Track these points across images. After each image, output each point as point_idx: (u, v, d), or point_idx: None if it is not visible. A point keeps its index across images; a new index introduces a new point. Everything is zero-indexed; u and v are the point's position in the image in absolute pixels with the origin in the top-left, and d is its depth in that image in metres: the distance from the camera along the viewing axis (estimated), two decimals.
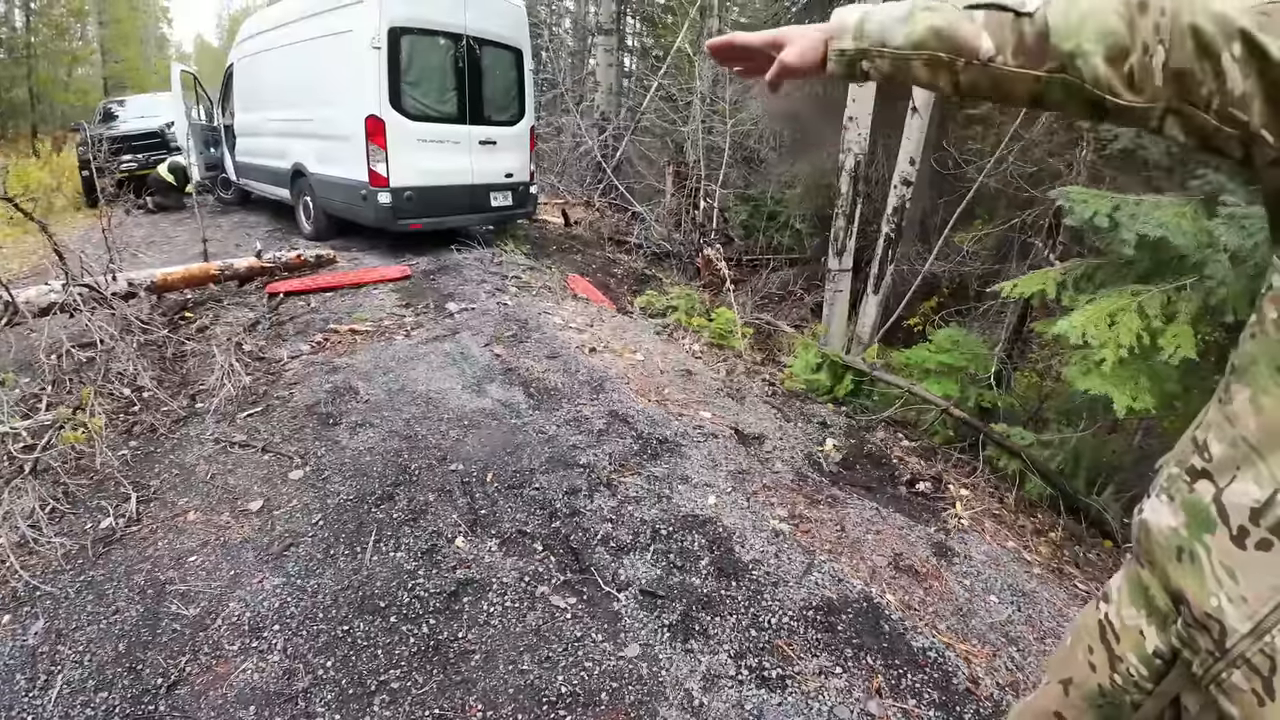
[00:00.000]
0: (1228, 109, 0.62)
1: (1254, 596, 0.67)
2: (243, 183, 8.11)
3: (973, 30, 0.74)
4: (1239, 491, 0.69)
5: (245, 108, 7.53)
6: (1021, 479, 3.37)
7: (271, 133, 6.78)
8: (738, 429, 3.45)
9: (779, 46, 0.88)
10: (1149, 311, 2.58)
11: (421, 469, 2.72)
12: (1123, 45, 0.66)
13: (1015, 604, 2.29)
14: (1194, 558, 0.74)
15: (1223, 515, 0.70)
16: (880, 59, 0.81)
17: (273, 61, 6.67)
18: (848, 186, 5.04)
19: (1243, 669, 0.69)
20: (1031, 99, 0.75)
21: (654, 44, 14.00)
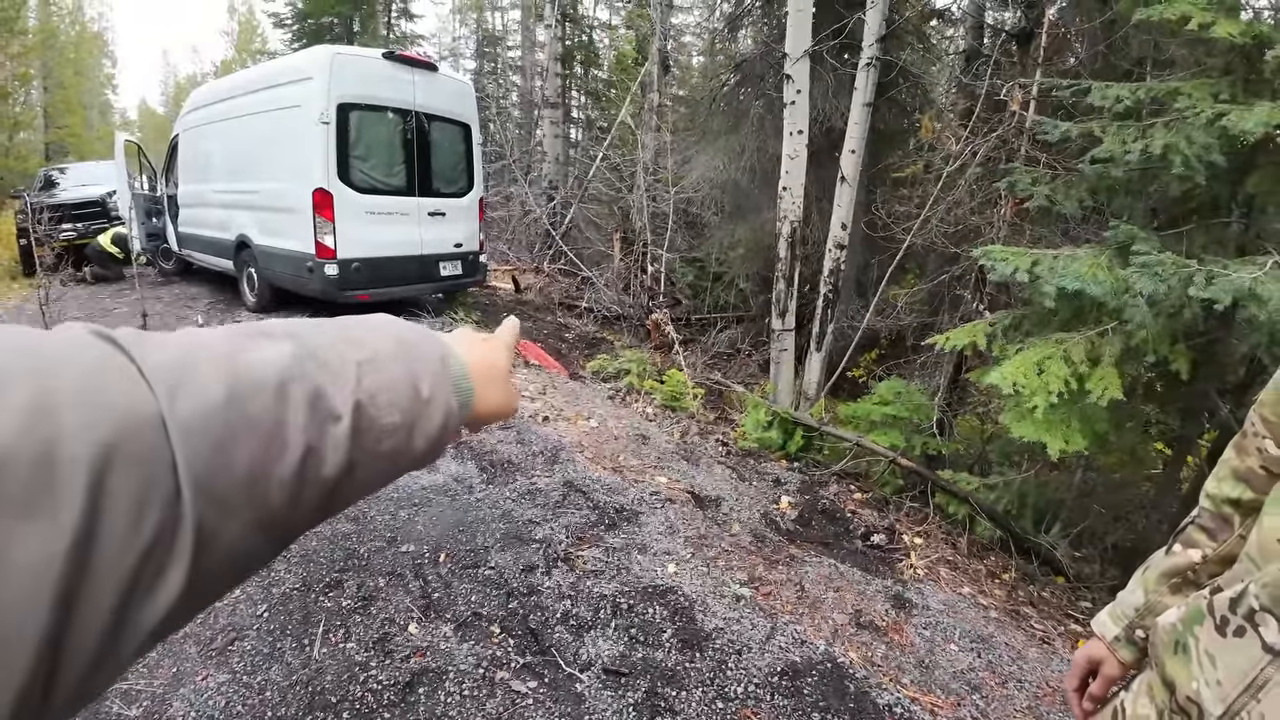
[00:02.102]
0: None
1: (1227, 680, 0.71)
2: (185, 253, 7.94)
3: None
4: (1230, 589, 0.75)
5: (190, 178, 7.45)
6: (971, 523, 3.47)
7: (216, 204, 6.71)
8: (694, 492, 3.46)
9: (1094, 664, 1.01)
10: (1074, 358, 2.76)
11: (370, 552, 2.61)
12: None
13: (975, 650, 2.32)
14: (1186, 649, 0.78)
15: (1210, 609, 0.76)
16: (1144, 618, 0.94)
17: (219, 132, 6.66)
18: (786, 251, 5.28)
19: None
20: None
21: (598, 115, 14.60)
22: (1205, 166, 2.71)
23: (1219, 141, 2.69)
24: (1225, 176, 2.93)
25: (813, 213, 6.13)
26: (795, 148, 5.10)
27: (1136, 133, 2.98)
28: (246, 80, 6.55)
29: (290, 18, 16.36)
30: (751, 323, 8.63)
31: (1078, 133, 3.17)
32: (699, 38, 16.22)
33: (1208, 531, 0.90)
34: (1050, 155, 4.16)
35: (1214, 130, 2.68)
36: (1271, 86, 2.90)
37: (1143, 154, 2.85)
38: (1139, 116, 3.15)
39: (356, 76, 5.40)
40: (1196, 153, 2.71)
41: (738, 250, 8.33)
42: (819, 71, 5.55)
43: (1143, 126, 3.02)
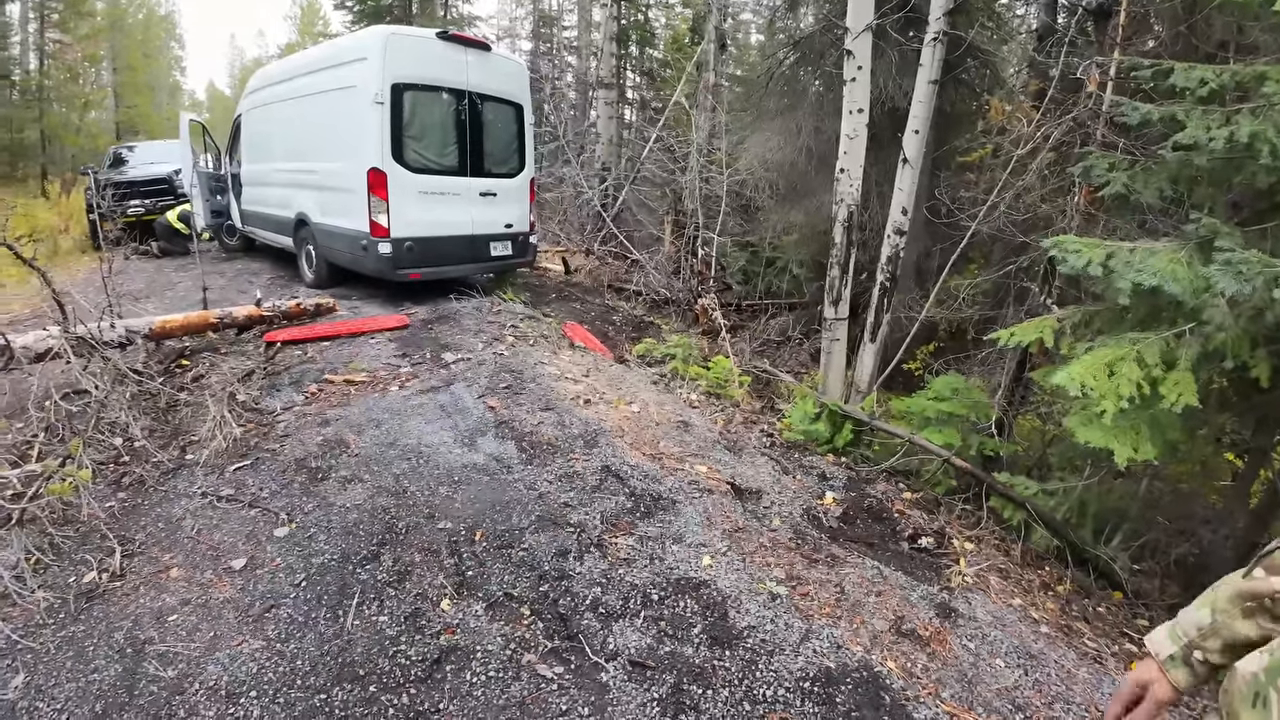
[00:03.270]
0: None
1: None
2: (247, 230, 8.27)
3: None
4: None
5: (252, 157, 7.72)
6: (1027, 530, 3.28)
7: (277, 182, 6.93)
8: (734, 484, 3.38)
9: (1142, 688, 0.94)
10: (1148, 360, 2.55)
11: (409, 527, 2.65)
12: None
13: (1022, 667, 2.19)
14: (1267, 703, 0.73)
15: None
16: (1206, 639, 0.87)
17: (279, 113, 6.86)
18: (841, 236, 5.08)
19: None
20: None
21: (653, 96, 14.41)
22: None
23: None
24: None
25: (871, 197, 5.89)
26: (855, 127, 4.87)
27: (1222, 119, 2.71)
28: (305, 62, 6.70)
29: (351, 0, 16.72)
30: (804, 310, 8.42)
31: (1159, 116, 2.91)
32: (758, 15, 15.76)
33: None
34: (1128, 140, 3.85)
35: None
36: None
37: (1228, 141, 2.59)
38: (1223, 102, 2.88)
39: (411, 57, 5.44)
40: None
41: (792, 235, 8.11)
42: (881, 47, 5.28)
43: (1228, 112, 2.75)
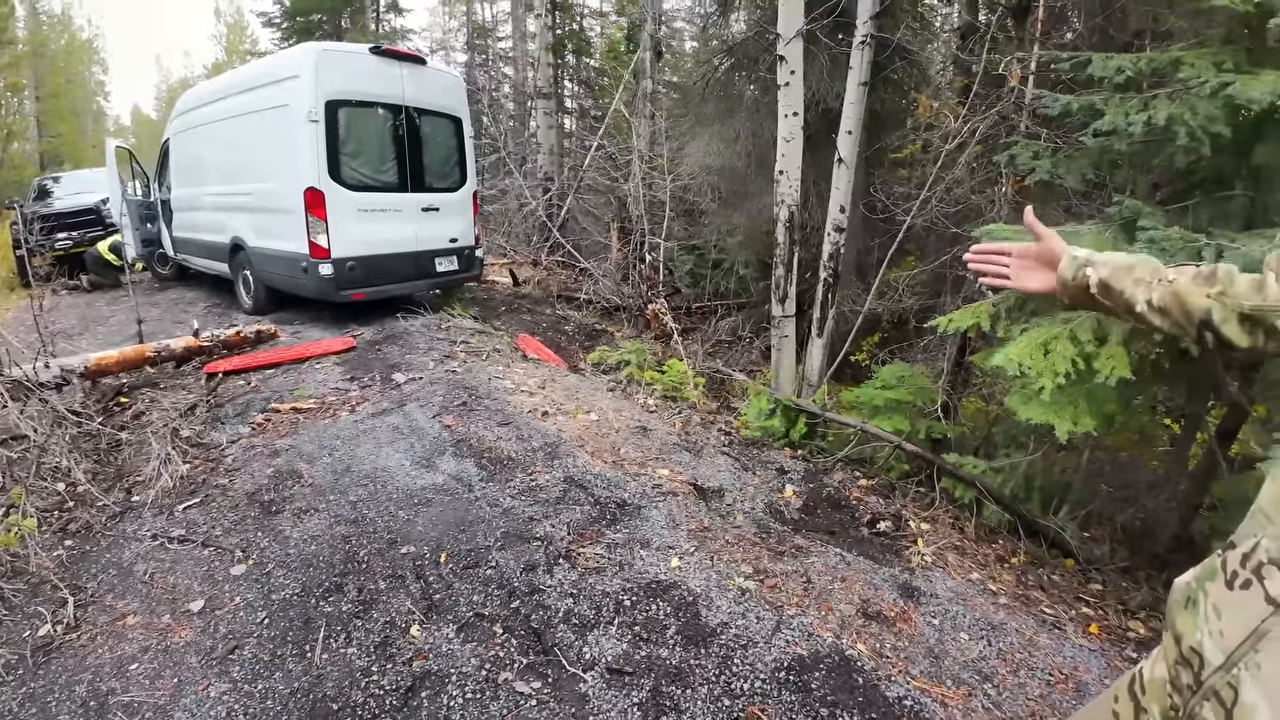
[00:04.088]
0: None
1: (1230, 632, 0.74)
2: (180, 258, 7.95)
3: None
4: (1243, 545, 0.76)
5: (182, 182, 7.42)
6: (978, 507, 3.42)
7: (209, 207, 6.69)
8: (696, 484, 3.42)
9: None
10: (1081, 337, 2.69)
11: (370, 555, 2.58)
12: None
13: (986, 638, 2.29)
14: (1195, 603, 0.81)
15: (1223, 565, 0.78)
16: (1097, 267, 1.04)
17: (209, 135, 6.61)
18: (784, 236, 5.21)
19: (1212, 701, 0.74)
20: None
21: (592, 105, 14.46)
22: (1210, 138, 2.62)
23: (1223, 112, 2.60)
24: (1231, 148, 2.84)
25: (810, 196, 6.06)
26: (791, 130, 5.01)
27: (1139, 104, 2.90)
28: (234, 81, 6.48)
29: (279, 16, 16.26)
30: (752, 309, 8.58)
31: (1079, 106, 3.09)
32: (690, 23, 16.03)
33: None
34: (1051, 130, 4.08)
35: (1218, 100, 2.58)
36: (1277, 55, 2.81)
37: (1146, 126, 2.76)
38: (1140, 88, 3.07)
39: (344, 73, 5.33)
40: (1201, 124, 2.62)
41: (736, 236, 8.26)
42: (813, 52, 5.45)
43: (1145, 98, 2.93)
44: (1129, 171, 3.34)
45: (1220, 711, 0.73)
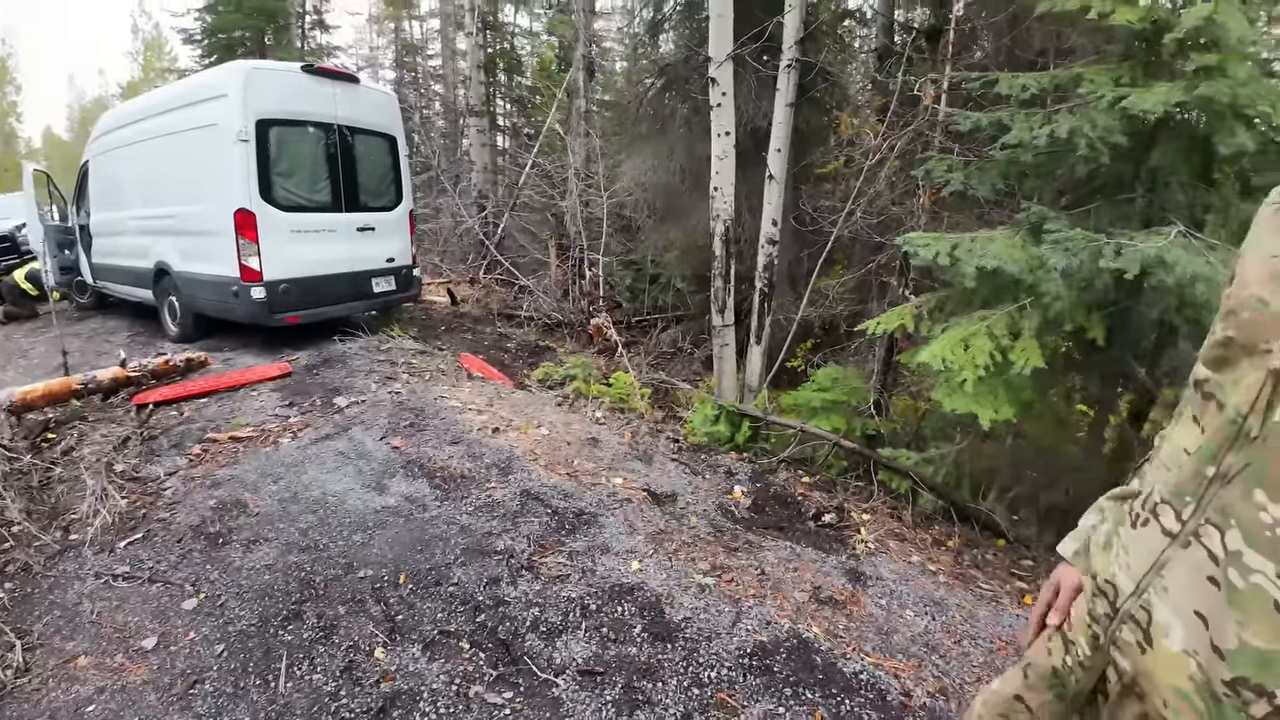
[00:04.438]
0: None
1: (1136, 563, 0.86)
2: (100, 285, 7.47)
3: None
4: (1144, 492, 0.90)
5: (102, 206, 7.01)
6: (914, 496, 3.66)
7: (131, 231, 6.34)
8: (650, 490, 3.51)
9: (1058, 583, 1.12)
10: (997, 332, 2.95)
11: (327, 581, 2.54)
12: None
13: (930, 614, 2.47)
14: (1110, 545, 0.94)
15: (1129, 510, 0.92)
16: (1096, 530, 1.05)
17: (131, 157, 6.29)
18: (720, 250, 5.42)
19: (1129, 624, 0.85)
20: None
21: (525, 123, 14.50)
22: (1108, 147, 2.86)
23: (1120, 123, 2.84)
24: (1128, 155, 3.12)
25: (744, 211, 6.30)
26: (724, 149, 5.24)
27: (1043, 119, 3.17)
28: (158, 101, 6.20)
29: (200, 33, 15.61)
30: (691, 321, 8.78)
31: (988, 122, 3.37)
32: (620, 43, 16.36)
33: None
34: (963, 145, 4.41)
35: (1115, 112, 2.82)
36: (1170, 68, 3.05)
37: (1049, 138, 3.00)
38: (1045, 103, 3.35)
39: (275, 91, 5.21)
40: (1099, 134, 2.85)
41: (673, 251, 8.46)
42: (742, 74, 5.72)
43: (1048, 113, 3.22)
44: (1035, 180, 3.63)
45: (1138, 631, 0.84)
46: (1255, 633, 0.72)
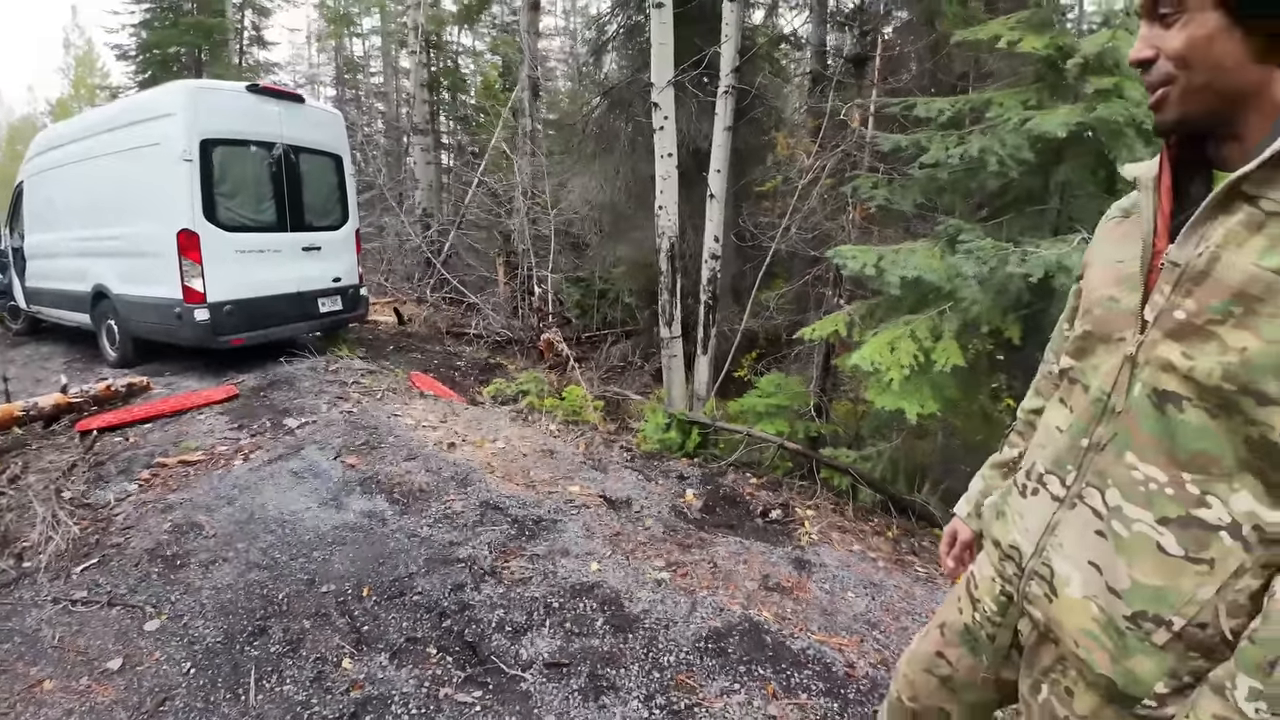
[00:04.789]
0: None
1: (1033, 528, 1.00)
2: (34, 310, 7.14)
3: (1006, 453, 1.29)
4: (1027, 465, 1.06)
5: (38, 227, 6.73)
6: (854, 492, 3.91)
7: (68, 253, 6.12)
8: (606, 496, 3.64)
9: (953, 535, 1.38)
10: (920, 335, 3.23)
11: (290, 597, 2.57)
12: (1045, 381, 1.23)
13: (870, 595, 2.68)
14: (1003, 514, 1.09)
15: (1015, 482, 1.07)
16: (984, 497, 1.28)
17: (70, 177, 6.08)
18: (666, 265, 5.64)
19: (1035, 580, 0.98)
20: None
21: (470, 141, 14.51)
22: (1017, 163, 3.16)
23: (1028, 141, 3.13)
24: (1038, 170, 3.42)
25: (688, 228, 6.56)
26: (667, 169, 5.48)
27: (957, 139, 3.49)
28: (99, 120, 6.02)
29: (135, 49, 15.05)
30: (641, 336, 8.97)
31: (907, 143, 3.68)
32: (564, 63, 16.60)
33: (1021, 435, 1.25)
34: (888, 164, 4.75)
35: (1022, 132, 3.12)
36: (1075, 90, 3.34)
37: (963, 157, 3.32)
38: (963, 124, 3.66)
39: (220, 111, 5.16)
40: (1009, 152, 3.15)
41: (620, 267, 8.66)
42: (683, 98, 5.99)
43: (962, 134, 3.54)
44: (953, 195, 3.94)
45: (1044, 585, 0.95)
46: (1144, 572, 0.84)
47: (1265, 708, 0.72)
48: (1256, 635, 0.75)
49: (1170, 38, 0.80)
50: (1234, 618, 0.79)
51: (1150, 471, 0.84)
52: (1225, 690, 0.76)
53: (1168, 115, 0.84)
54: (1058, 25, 3.58)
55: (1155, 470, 0.83)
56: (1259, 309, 0.73)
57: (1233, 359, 0.75)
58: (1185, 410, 0.80)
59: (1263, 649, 0.73)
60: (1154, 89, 0.84)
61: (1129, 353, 0.87)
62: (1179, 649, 0.82)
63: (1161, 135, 0.89)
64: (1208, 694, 0.78)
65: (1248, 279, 0.74)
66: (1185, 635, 0.81)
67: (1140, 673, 0.85)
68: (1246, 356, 0.74)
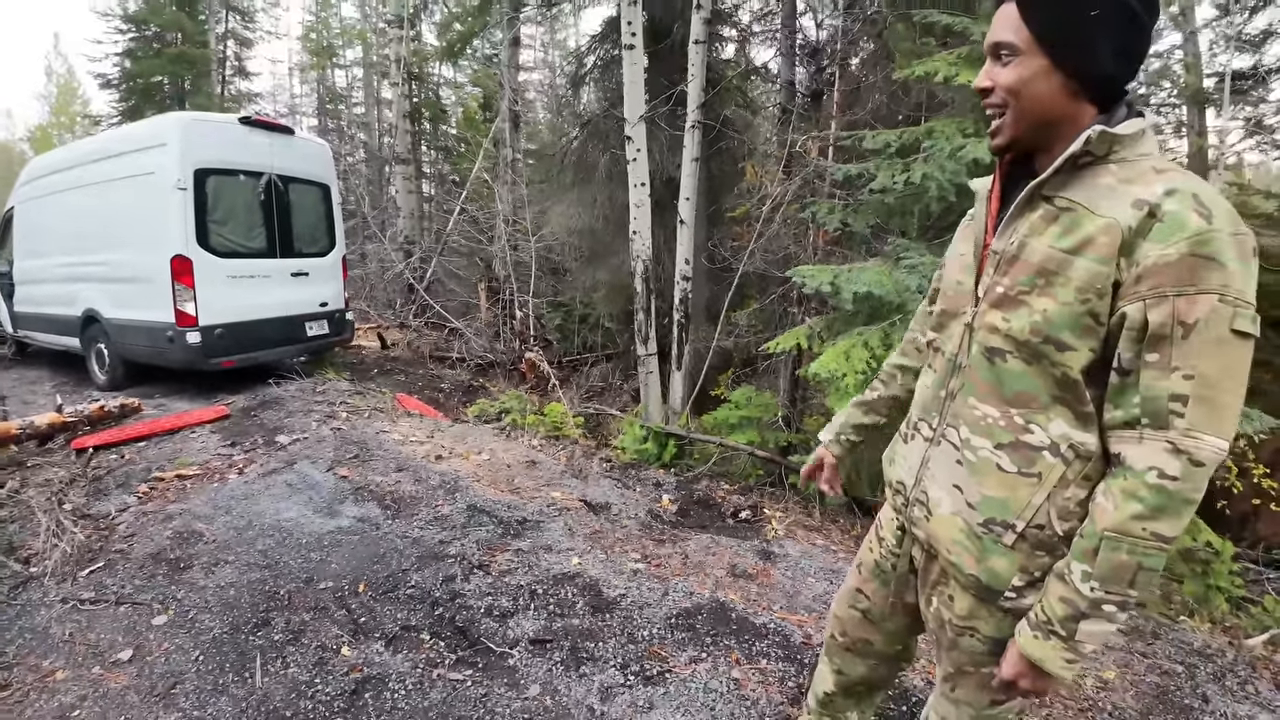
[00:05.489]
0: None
1: (911, 464, 1.26)
2: (22, 334, 7.25)
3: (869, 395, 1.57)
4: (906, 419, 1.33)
5: (26, 253, 6.87)
6: (821, 495, 4.17)
7: (59, 278, 6.27)
8: (586, 501, 3.86)
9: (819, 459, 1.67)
10: (872, 344, 3.53)
11: (290, 592, 2.74)
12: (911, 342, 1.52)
13: (829, 579, 2.93)
14: (893, 460, 1.34)
15: (899, 433, 1.34)
16: (845, 428, 1.58)
17: (62, 204, 6.25)
18: (642, 286, 5.95)
19: (917, 505, 1.23)
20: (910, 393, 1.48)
21: (451, 170, 14.85)
22: (955, 188, 3.48)
23: (965, 167, 3.45)
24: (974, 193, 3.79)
25: (662, 252, 6.89)
26: (640, 198, 5.82)
27: (901, 167, 3.83)
28: (92, 148, 6.23)
29: (118, 78, 15.22)
30: (620, 358, 9.23)
31: (858, 171, 4.03)
32: (542, 94, 17.10)
33: (883, 382, 1.53)
34: (845, 190, 5.11)
35: (958, 159, 3.45)
36: None
37: (907, 184, 3.67)
38: (915, 151, 3.99)
39: (213, 142, 5.40)
40: (948, 177, 3.47)
41: (599, 291, 8.95)
42: (655, 131, 6.36)
43: (906, 161, 3.88)
44: (901, 218, 4.28)
45: (923, 509, 1.19)
46: (990, 487, 1.07)
47: (1098, 585, 0.96)
48: (1083, 530, 0.99)
49: (1005, 74, 1.06)
50: (1065, 521, 1.03)
51: (987, 409, 1.10)
52: (1065, 576, 1.00)
53: (1001, 140, 1.11)
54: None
55: (990, 408, 1.10)
56: (1054, 280, 1.00)
57: (1038, 318, 1.02)
58: (1008, 360, 1.07)
59: (1088, 540, 0.98)
60: (990, 116, 1.11)
61: (967, 321, 1.15)
62: (1025, 548, 1.07)
63: (997, 155, 1.16)
64: (1053, 581, 1.02)
65: (1045, 258, 1.02)
66: (1028, 536, 1.06)
67: (998, 569, 1.09)
68: (1047, 316, 1.01)
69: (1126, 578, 0.94)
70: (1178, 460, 0.91)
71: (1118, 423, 0.98)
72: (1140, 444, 0.94)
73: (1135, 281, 0.93)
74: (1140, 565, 0.93)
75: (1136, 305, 0.93)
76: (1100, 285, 0.96)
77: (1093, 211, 0.98)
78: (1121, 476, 0.96)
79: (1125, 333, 0.95)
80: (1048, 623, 1.00)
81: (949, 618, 1.21)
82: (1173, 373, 0.91)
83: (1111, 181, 0.99)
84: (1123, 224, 0.94)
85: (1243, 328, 0.89)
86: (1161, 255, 0.91)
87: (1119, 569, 0.94)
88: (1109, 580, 0.95)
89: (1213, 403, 0.90)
